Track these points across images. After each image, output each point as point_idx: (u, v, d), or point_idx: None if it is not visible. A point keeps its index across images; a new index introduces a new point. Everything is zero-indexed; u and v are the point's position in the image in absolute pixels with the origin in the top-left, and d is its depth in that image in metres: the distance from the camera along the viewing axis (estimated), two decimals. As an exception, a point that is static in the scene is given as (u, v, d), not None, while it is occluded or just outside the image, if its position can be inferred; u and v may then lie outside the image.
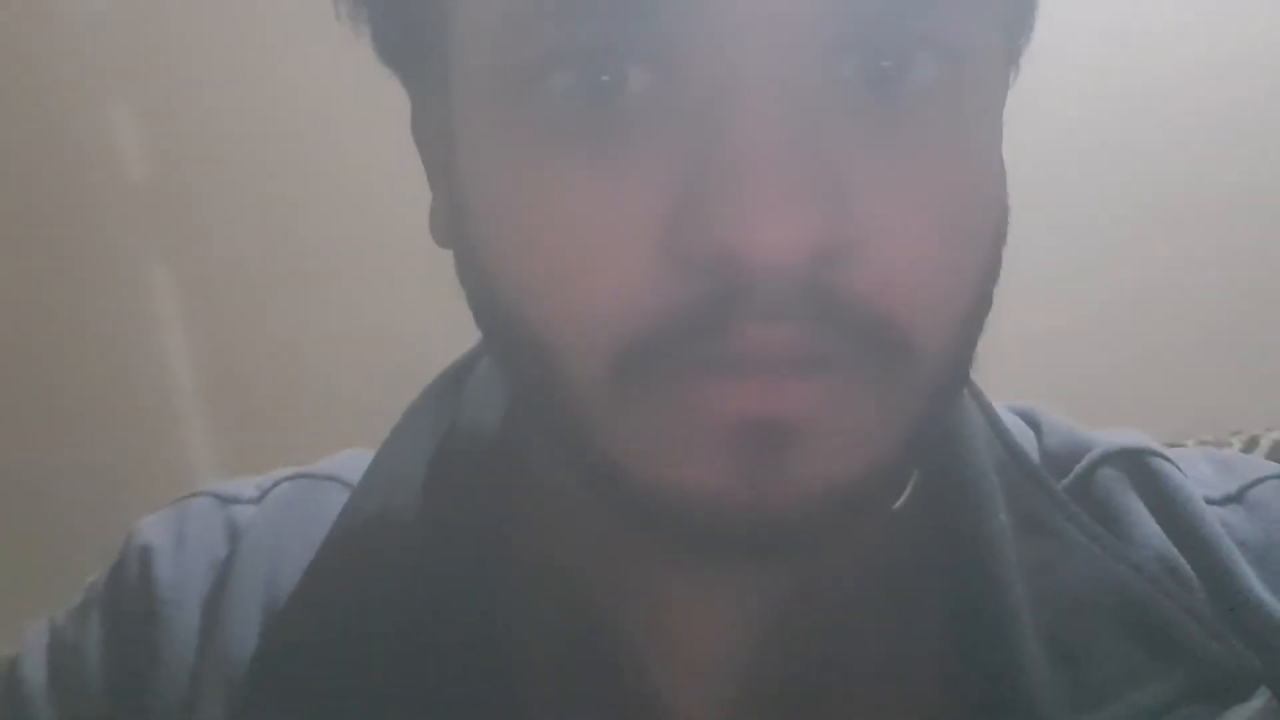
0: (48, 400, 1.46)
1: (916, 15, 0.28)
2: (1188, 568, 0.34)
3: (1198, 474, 0.38)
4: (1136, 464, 0.37)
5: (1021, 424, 0.40)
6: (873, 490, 0.30)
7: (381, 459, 0.39)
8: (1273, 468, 0.39)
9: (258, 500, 0.41)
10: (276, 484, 0.42)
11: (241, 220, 1.40)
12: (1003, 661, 0.32)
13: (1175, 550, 0.35)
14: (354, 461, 0.41)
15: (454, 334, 0.38)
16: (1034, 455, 0.38)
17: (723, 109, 0.27)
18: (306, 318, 1.39)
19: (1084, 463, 0.37)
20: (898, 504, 0.34)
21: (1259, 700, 0.32)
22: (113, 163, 1.44)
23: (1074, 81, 1.20)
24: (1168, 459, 0.38)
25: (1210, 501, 0.37)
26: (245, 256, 1.41)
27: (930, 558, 0.35)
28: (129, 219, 1.45)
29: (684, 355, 0.28)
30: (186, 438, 1.47)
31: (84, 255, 1.46)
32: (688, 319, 0.27)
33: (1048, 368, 1.20)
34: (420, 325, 0.88)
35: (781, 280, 0.26)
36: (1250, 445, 1.05)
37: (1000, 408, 0.40)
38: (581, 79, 0.28)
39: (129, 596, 0.39)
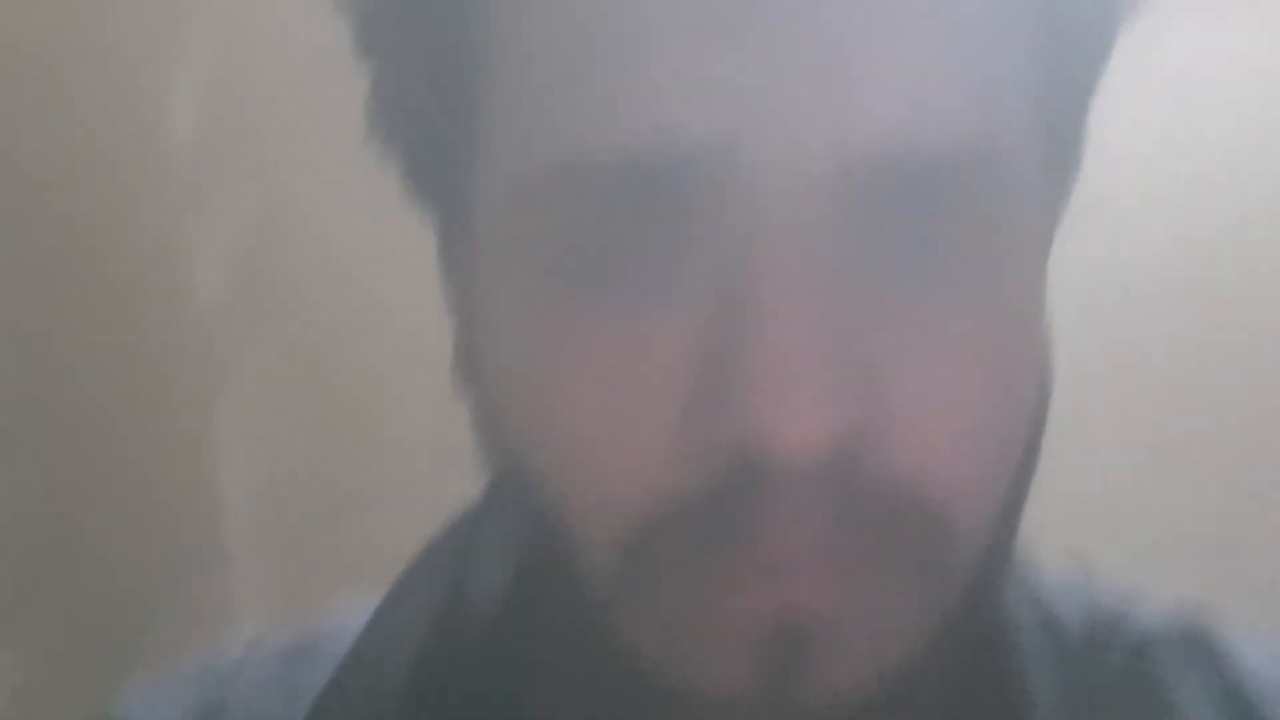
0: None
1: (956, 193, 0.27)
2: None
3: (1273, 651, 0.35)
4: (1195, 639, 0.35)
5: (1072, 576, 0.37)
6: (908, 686, 0.28)
7: (370, 632, 0.37)
8: None
9: (234, 674, 0.40)
10: (256, 657, 0.40)
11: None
12: None
13: None
14: (347, 622, 0.39)
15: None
16: (1080, 614, 0.35)
17: (746, 285, 0.25)
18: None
19: (1137, 634, 0.35)
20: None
21: None
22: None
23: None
24: (1228, 634, 0.35)
25: None
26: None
27: None
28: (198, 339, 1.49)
29: (704, 544, 0.26)
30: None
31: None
32: (709, 505, 0.26)
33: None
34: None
35: (808, 472, 0.24)
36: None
37: (1054, 565, 0.37)
38: (602, 245, 0.27)
39: None
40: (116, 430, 1.48)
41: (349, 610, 0.39)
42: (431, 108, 0.31)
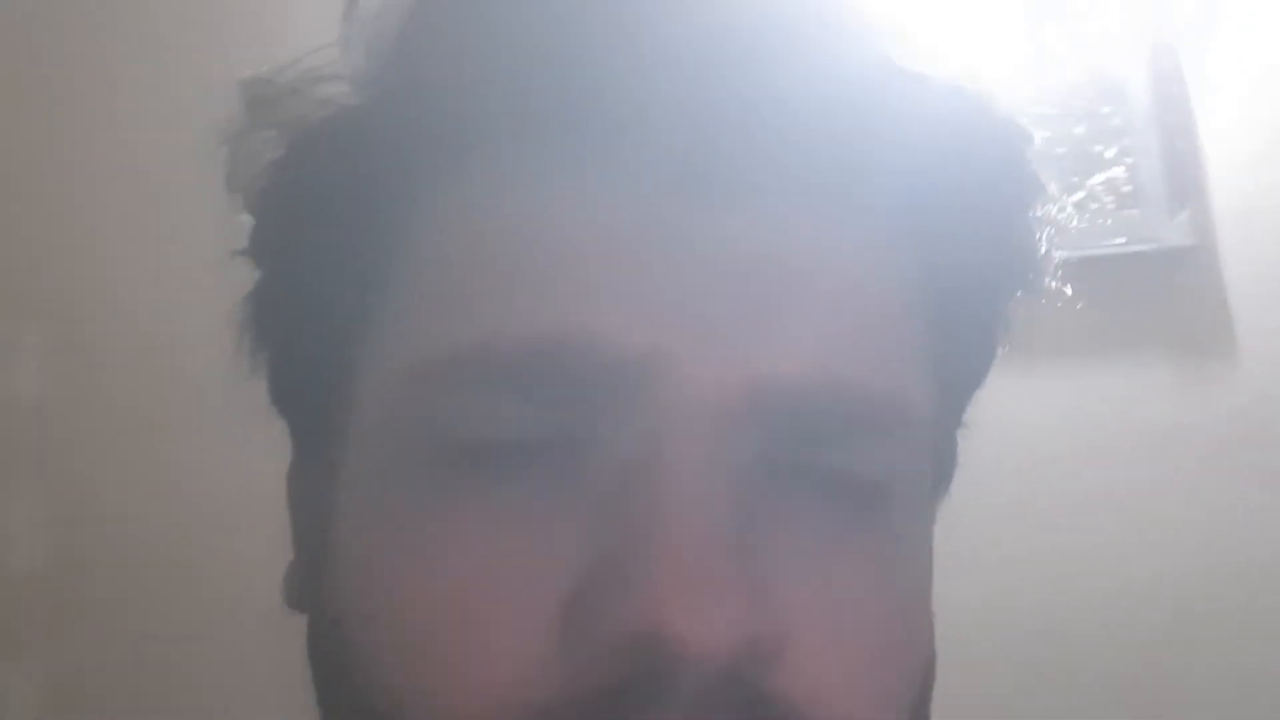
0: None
1: (865, 433, 0.28)
2: None
3: None
4: None
5: None
6: None
7: None
8: None
9: None
10: None
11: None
12: None
13: None
14: None
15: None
16: None
17: (652, 488, 0.25)
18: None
19: None
20: None
21: None
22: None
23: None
24: None
25: None
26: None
27: None
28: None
29: None
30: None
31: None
32: (593, 706, 0.25)
33: None
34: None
35: (705, 674, 0.24)
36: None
37: None
38: (496, 432, 0.27)
39: None
40: None
41: None
42: (313, 311, 0.32)
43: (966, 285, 0.32)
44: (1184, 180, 1.02)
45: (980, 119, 0.30)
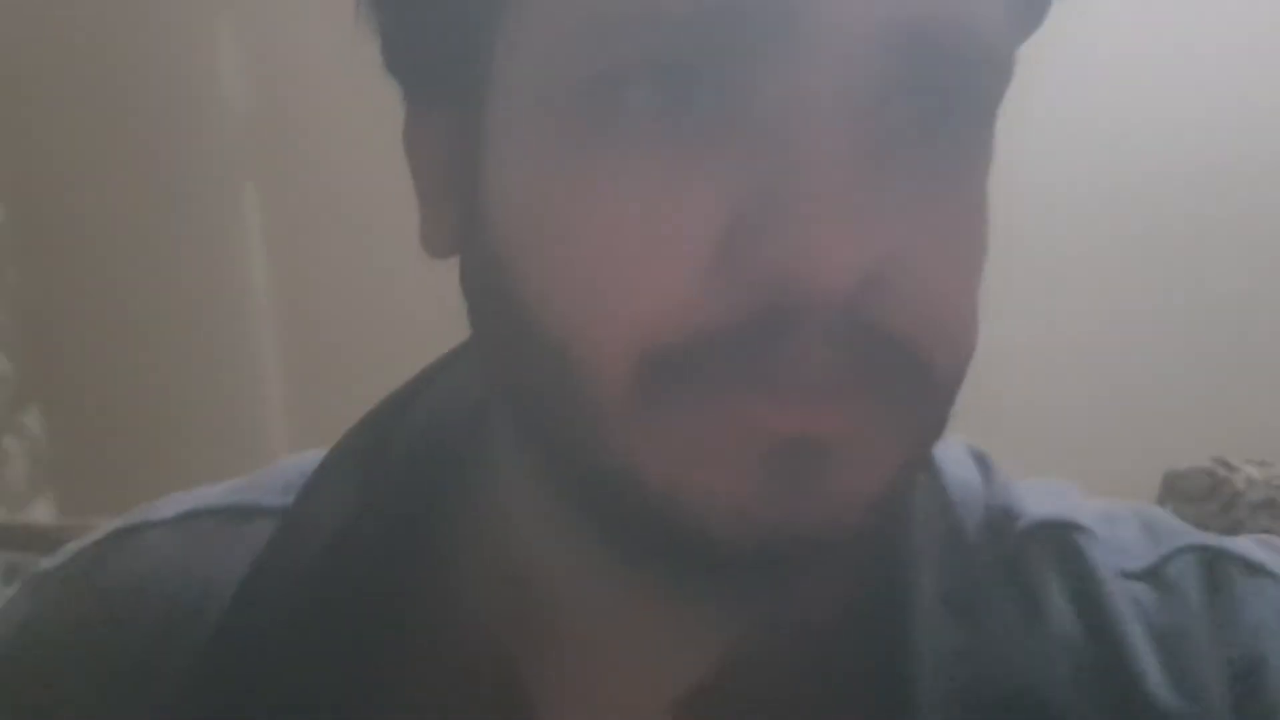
0: (140, 310, 1.56)
1: (970, 75, 0.30)
2: (1092, 661, 0.35)
3: (1123, 541, 0.38)
4: (1061, 539, 0.37)
5: (973, 470, 0.40)
6: (887, 508, 0.31)
7: (310, 491, 0.39)
8: (1192, 537, 0.38)
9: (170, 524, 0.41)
10: (197, 514, 0.41)
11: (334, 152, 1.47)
12: None
13: (1083, 637, 0.35)
14: (290, 477, 0.40)
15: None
16: (978, 509, 0.38)
17: (793, 134, 0.27)
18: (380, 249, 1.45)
19: (1015, 535, 0.37)
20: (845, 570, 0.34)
21: None
22: (218, 92, 1.52)
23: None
24: (1091, 531, 0.38)
25: (1128, 575, 0.37)
26: (329, 184, 1.48)
27: (863, 633, 0.35)
28: (226, 142, 1.53)
29: (723, 369, 0.28)
30: (258, 349, 1.56)
31: (181, 173, 1.54)
32: (733, 335, 0.28)
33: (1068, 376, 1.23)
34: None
35: (833, 306, 0.27)
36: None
37: (957, 448, 0.40)
38: (652, 95, 0.28)
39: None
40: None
41: (298, 466, 0.41)
42: None
43: None
44: None
45: None
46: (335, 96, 1.42)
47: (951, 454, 0.39)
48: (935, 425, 0.32)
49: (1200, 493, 1.03)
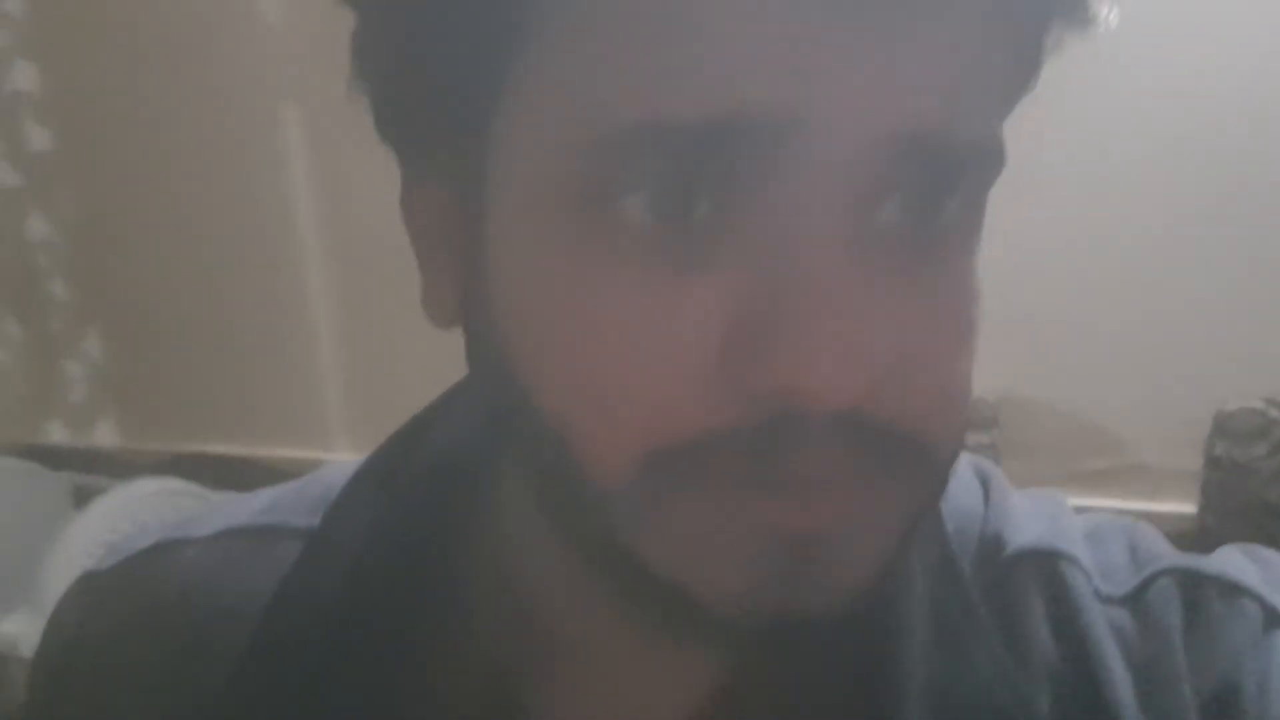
0: (193, 233, 1.57)
1: (957, 175, 0.29)
2: (1069, 690, 0.36)
3: (1107, 564, 0.39)
4: (1046, 568, 0.38)
5: (976, 495, 0.41)
6: (881, 583, 0.32)
7: (333, 513, 0.41)
8: (1172, 559, 0.38)
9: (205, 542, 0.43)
10: (231, 533, 0.43)
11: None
12: None
13: (1062, 665, 0.36)
14: (319, 495, 0.42)
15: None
16: (973, 538, 0.39)
17: (790, 244, 0.28)
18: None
19: (1003, 562, 0.39)
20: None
21: None
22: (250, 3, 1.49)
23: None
24: (1075, 559, 0.38)
25: (1110, 600, 0.37)
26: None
27: (853, 656, 0.36)
28: (264, 58, 1.50)
29: (728, 469, 0.28)
30: (309, 270, 1.56)
31: (223, 91, 1.52)
32: (738, 438, 0.28)
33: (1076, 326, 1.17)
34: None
35: (832, 415, 0.27)
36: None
37: (964, 470, 0.41)
38: (652, 204, 0.28)
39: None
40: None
41: (332, 475, 0.43)
42: (448, 58, 0.31)
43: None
44: None
45: None
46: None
47: (958, 478, 0.40)
48: (935, 494, 0.33)
49: (1251, 432, 1.01)
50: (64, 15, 1.57)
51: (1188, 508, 1.06)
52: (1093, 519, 0.41)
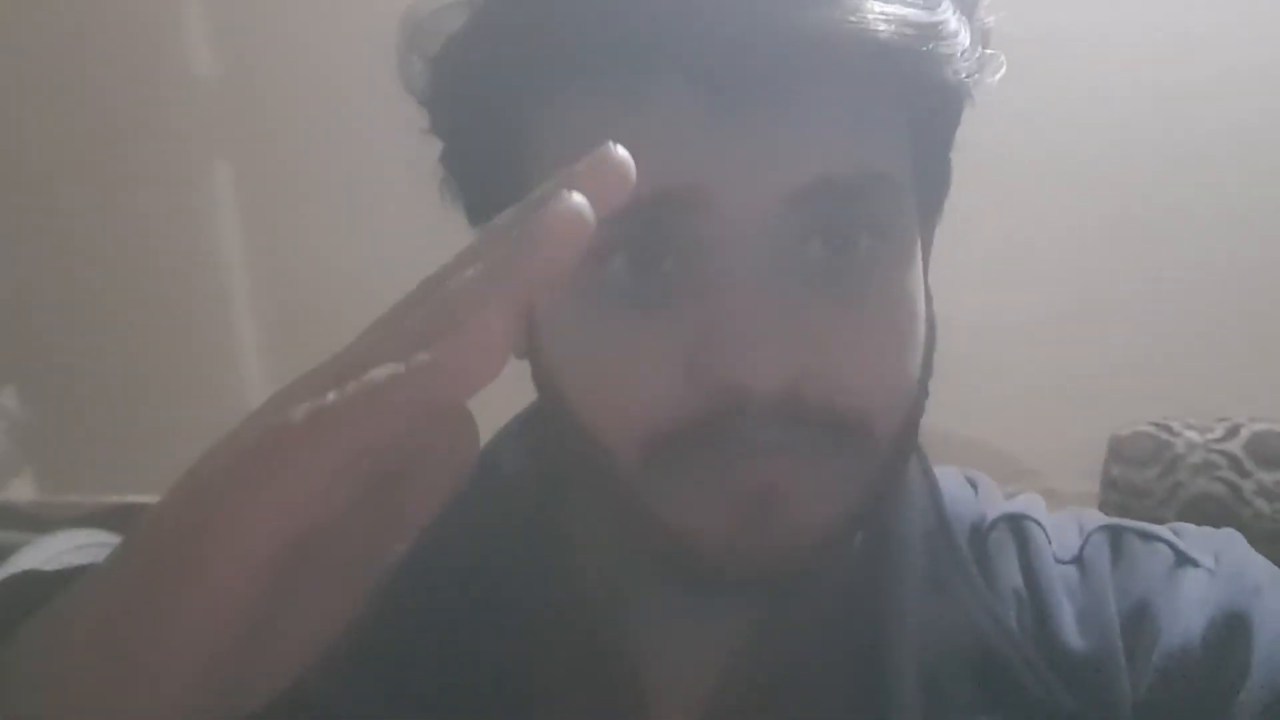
0: (114, 287, 1.55)
1: (859, 209, 0.40)
2: (1030, 618, 0.45)
3: (1061, 535, 0.49)
4: (1018, 528, 0.49)
5: (968, 490, 0.52)
6: (839, 538, 0.42)
7: (488, 457, 0.50)
8: (1102, 520, 0.49)
9: None
10: None
11: (302, 122, 1.46)
12: (884, 698, 0.43)
13: (1027, 603, 0.46)
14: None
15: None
16: (969, 517, 0.49)
17: (726, 286, 0.38)
18: (357, 222, 1.46)
19: (985, 525, 0.49)
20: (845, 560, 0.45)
21: None
22: (182, 58, 1.51)
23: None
24: (1039, 523, 0.49)
25: (1061, 561, 0.48)
26: (303, 157, 1.47)
27: (857, 609, 0.45)
28: (195, 114, 1.52)
29: (702, 445, 0.39)
30: (236, 323, 1.56)
31: (151, 147, 1.53)
32: (703, 423, 0.39)
33: (1053, 353, 1.26)
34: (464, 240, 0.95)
35: (768, 399, 0.38)
36: (1231, 433, 1.10)
37: (955, 472, 0.52)
38: (629, 260, 0.39)
39: None
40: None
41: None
42: (486, 170, 0.44)
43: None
44: None
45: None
46: (309, 62, 1.42)
47: (951, 479, 0.52)
48: (881, 478, 0.42)
49: (1144, 456, 1.07)
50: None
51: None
52: (1056, 514, 0.51)
